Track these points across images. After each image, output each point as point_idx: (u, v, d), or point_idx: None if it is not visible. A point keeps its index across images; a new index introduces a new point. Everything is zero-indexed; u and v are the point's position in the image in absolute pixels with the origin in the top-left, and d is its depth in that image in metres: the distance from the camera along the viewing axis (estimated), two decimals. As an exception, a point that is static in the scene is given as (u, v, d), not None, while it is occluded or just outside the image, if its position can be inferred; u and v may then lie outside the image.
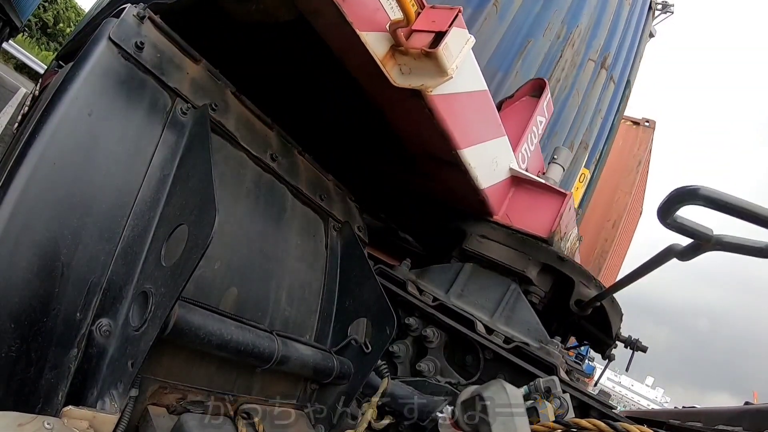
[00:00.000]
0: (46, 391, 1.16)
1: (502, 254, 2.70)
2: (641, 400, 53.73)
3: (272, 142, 2.00)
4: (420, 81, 1.75)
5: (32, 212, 1.18)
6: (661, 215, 1.50)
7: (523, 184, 2.81)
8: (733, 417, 1.97)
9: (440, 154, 2.25)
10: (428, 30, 1.74)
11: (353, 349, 2.01)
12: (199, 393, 1.47)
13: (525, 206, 2.77)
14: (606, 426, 1.33)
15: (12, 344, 1.11)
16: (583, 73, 4.71)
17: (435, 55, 1.69)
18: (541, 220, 2.69)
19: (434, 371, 2.44)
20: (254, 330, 1.55)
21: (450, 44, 1.72)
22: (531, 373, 2.25)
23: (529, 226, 2.70)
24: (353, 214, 2.50)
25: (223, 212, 1.38)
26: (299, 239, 2.10)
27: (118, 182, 1.36)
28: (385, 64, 1.72)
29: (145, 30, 1.48)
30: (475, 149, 2.26)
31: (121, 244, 1.34)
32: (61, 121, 1.26)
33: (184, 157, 1.49)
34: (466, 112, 2.13)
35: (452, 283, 2.72)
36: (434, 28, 1.74)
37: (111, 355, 1.23)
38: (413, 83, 1.75)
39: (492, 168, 2.54)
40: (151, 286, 1.27)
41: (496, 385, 1.19)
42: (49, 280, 1.19)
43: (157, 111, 1.50)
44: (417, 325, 2.57)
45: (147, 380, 1.30)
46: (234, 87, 1.83)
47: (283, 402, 1.83)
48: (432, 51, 1.69)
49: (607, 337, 3.21)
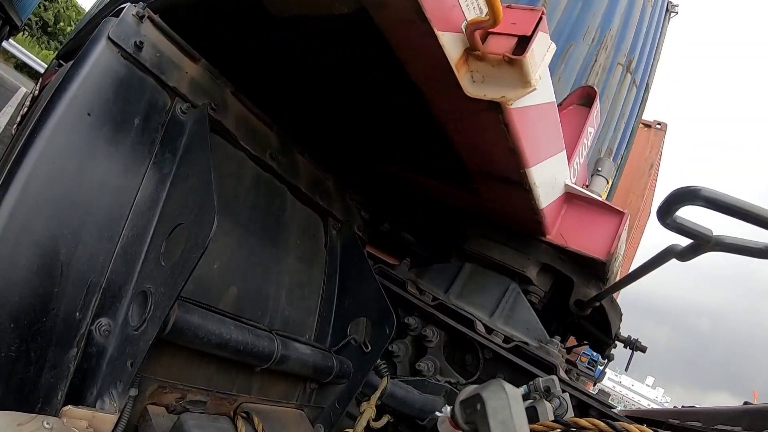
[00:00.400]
0: (45, 390, 1.16)
1: (501, 254, 2.70)
2: (641, 399, 53.77)
3: (272, 141, 2.00)
4: (499, 92, 1.52)
5: (32, 211, 1.18)
6: (660, 215, 1.49)
7: (575, 200, 2.60)
8: (732, 417, 1.97)
9: (505, 172, 2.01)
10: (509, 33, 1.51)
11: (353, 349, 2.01)
12: (199, 392, 1.47)
13: (579, 225, 2.56)
14: (605, 425, 1.33)
15: (12, 344, 1.11)
16: (612, 78, 4.60)
17: (520, 63, 1.46)
18: (599, 241, 2.49)
19: (433, 371, 2.44)
20: (254, 329, 1.55)
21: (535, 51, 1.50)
22: (530, 373, 2.25)
23: (585, 246, 2.51)
24: (353, 213, 2.50)
25: (222, 212, 1.39)
26: (299, 239, 2.10)
27: (118, 182, 1.36)
28: (458, 70, 1.50)
29: (145, 29, 1.48)
30: (541, 167, 2.04)
31: (120, 243, 1.34)
32: (60, 120, 1.26)
33: (183, 157, 1.49)
34: (537, 127, 1.90)
35: (452, 282, 2.72)
36: (516, 31, 1.51)
37: (110, 354, 1.24)
38: (491, 94, 1.52)
39: (552, 185, 2.32)
40: (150, 285, 1.27)
41: (496, 385, 1.19)
42: (48, 280, 1.19)
43: (157, 110, 1.50)
44: (416, 324, 2.57)
45: (146, 380, 1.30)
46: (233, 86, 1.82)
47: (283, 401, 1.83)
48: (517, 58, 1.46)
49: (606, 337, 3.21)
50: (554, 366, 2.27)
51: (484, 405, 1.16)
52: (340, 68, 1.95)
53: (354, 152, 2.69)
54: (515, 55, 1.47)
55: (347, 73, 1.97)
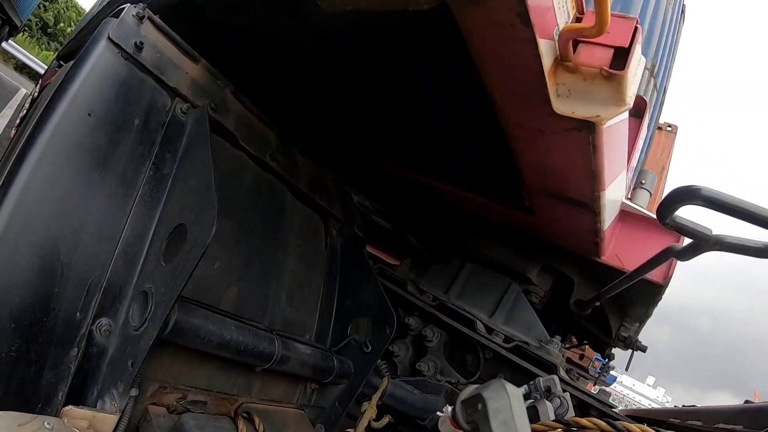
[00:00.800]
0: (46, 390, 1.16)
1: (502, 254, 2.70)
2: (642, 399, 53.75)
3: (272, 141, 2.00)
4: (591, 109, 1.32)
5: (32, 212, 1.18)
6: (660, 215, 1.50)
7: (629, 218, 2.44)
8: (732, 416, 1.97)
9: (577, 194, 1.82)
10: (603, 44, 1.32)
11: (353, 349, 2.01)
12: (200, 393, 1.47)
13: (634, 245, 2.40)
14: (606, 425, 1.33)
15: (12, 344, 1.11)
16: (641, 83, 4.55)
17: (619, 79, 1.29)
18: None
19: (434, 371, 2.44)
20: (254, 330, 1.55)
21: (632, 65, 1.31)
22: (531, 372, 2.25)
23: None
24: (353, 213, 2.50)
25: (222, 212, 1.38)
26: (299, 239, 2.10)
27: (118, 182, 1.36)
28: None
29: (145, 30, 1.48)
30: (611, 188, 1.88)
31: (121, 243, 1.34)
32: (61, 120, 1.26)
33: (183, 157, 1.49)
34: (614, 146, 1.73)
35: (452, 282, 2.72)
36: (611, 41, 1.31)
37: (111, 354, 1.24)
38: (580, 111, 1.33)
39: (614, 206, 2.14)
40: (151, 285, 1.27)
41: (497, 385, 1.19)
42: (49, 280, 1.19)
43: (157, 111, 1.50)
44: (417, 324, 2.58)
45: (147, 380, 1.30)
46: (233, 87, 1.82)
47: (284, 402, 1.84)
48: (618, 73, 1.28)
49: (606, 337, 3.21)
50: (555, 366, 2.27)
51: (485, 405, 1.16)
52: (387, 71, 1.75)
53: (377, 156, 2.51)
54: (615, 70, 1.29)
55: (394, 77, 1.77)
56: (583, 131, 1.41)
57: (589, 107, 1.33)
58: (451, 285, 2.71)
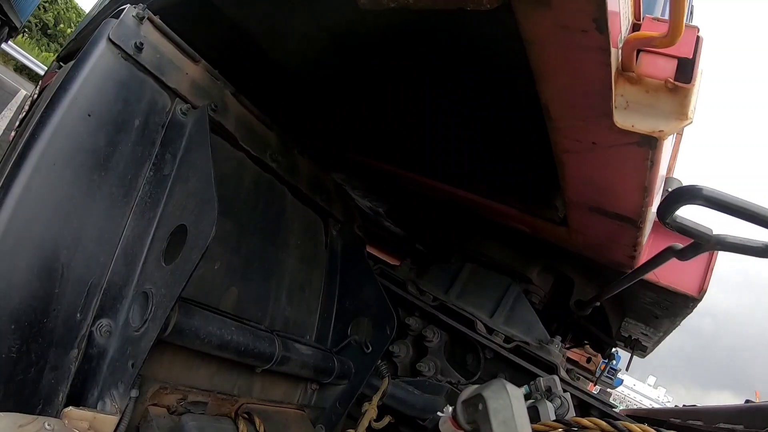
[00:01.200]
0: (46, 391, 1.16)
1: (502, 254, 2.70)
2: (643, 399, 53.72)
3: (272, 142, 2.00)
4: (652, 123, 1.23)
5: (32, 213, 1.18)
6: (661, 215, 1.49)
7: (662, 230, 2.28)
8: (733, 415, 1.97)
9: (623, 209, 1.72)
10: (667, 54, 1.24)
11: (354, 349, 2.01)
12: (200, 393, 1.47)
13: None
14: (607, 425, 1.32)
15: (12, 345, 1.11)
16: None
17: (685, 92, 1.20)
18: (690, 276, 2.31)
19: (434, 371, 2.44)
20: (254, 330, 1.55)
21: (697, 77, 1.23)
22: (531, 373, 2.25)
23: (675, 282, 2.32)
24: (353, 213, 2.50)
25: (223, 212, 1.38)
26: (299, 239, 2.10)
27: (118, 183, 1.36)
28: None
29: (145, 30, 1.48)
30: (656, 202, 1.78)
31: (121, 244, 1.34)
32: (61, 121, 1.26)
33: (183, 158, 1.49)
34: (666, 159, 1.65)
35: (452, 282, 2.72)
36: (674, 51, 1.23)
37: (111, 355, 1.24)
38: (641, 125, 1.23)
39: (653, 218, 2.02)
40: (151, 286, 1.27)
41: (497, 385, 1.19)
42: (49, 281, 1.19)
43: (157, 111, 1.50)
44: (417, 324, 2.58)
45: (147, 381, 1.30)
46: (234, 87, 1.82)
47: (284, 402, 1.83)
48: (684, 86, 1.20)
49: (607, 337, 3.21)
50: (555, 366, 2.27)
51: (486, 405, 1.16)
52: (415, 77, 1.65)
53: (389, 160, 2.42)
54: (681, 82, 1.20)
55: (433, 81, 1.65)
56: (644, 147, 1.31)
57: (650, 121, 1.24)
58: (452, 285, 2.71)
